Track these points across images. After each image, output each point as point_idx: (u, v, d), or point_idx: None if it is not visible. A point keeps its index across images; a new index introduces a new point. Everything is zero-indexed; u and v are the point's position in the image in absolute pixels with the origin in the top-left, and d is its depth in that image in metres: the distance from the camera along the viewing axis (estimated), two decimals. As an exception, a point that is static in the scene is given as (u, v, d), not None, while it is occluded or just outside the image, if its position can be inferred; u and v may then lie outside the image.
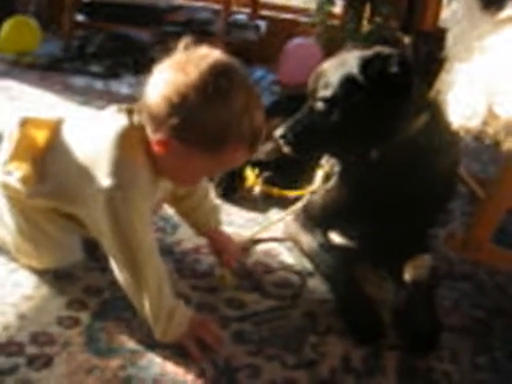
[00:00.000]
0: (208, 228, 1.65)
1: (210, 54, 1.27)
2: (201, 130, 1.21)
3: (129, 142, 1.29)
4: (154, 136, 1.27)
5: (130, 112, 1.35)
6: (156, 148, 1.27)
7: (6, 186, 1.46)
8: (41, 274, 1.53)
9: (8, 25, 3.75)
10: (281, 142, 1.67)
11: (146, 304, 1.29)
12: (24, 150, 1.45)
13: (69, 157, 1.37)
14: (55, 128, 1.46)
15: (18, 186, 1.42)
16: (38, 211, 1.46)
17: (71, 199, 1.38)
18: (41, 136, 1.45)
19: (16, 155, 1.45)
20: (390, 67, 1.51)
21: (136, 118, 1.33)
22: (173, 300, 1.33)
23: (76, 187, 1.34)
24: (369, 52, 1.58)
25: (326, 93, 1.59)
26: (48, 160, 1.43)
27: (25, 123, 1.49)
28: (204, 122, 1.21)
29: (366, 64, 1.55)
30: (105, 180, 1.25)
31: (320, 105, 1.61)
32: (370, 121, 1.57)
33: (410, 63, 1.54)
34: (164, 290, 1.31)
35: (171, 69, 1.25)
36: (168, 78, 1.24)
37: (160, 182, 1.39)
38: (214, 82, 1.19)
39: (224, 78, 1.21)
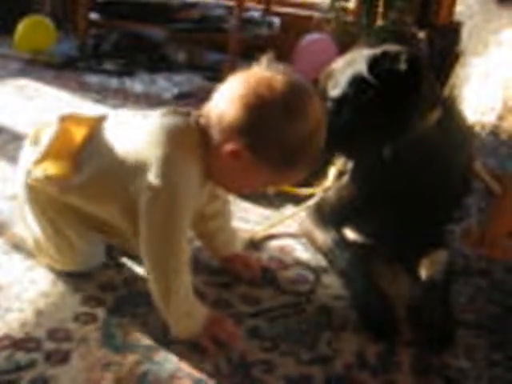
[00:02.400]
0: (227, 252, 1.62)
1: (288, 73, 1.28)
2: (278, 147, 1.23)
3: (184, 143, 1.29)
4: (223, 144, 1.26)
5: (186, 115, 1.35)
6: (224, 157, 1.27)
7: (33, 188, 1.45)
8: (57, 271, 1.54)
9: (23, 24, 3.78)
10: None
11: (171, 305, 1.29)
12: (60, 148, 1.43)
13: (111, 153, 1.36)
14: (95, 125, 1.44)
15: (49, 183, 1.42)
16: (62, 215, 1.46)
17: (107, 196, 1.39)
18: (79, 132, 1.43)
19: (51, 153, 1.44)
20: (399, 65, 1.51)
21: (193, 120, 1.33)
22: (192, 299, 1.34)
23: (115, 184, 1.35)
24: (377, 50, 1.58)
25: (335, 92, 1.59)
26: (85, 156, 1.41)
27: (64, 120, 1.47)
28: (283, 139, 1.22)
29: (374, 62, 1.54)
30: (154, 179, 1.25)
31: (330, 104, 1.61)
32: (380, 119, 1.57)
33: (419, 60, 1.54)
34: (190, 293, 1.32)
35: (253, 83, 1.25)
36: (249, 91, 1.24)
37: (205, 189, 1.39)
38: (296, 101, 1.23)
39: (304, 96, 1.25)
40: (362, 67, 1.56)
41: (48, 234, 1.49)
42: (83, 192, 1.41)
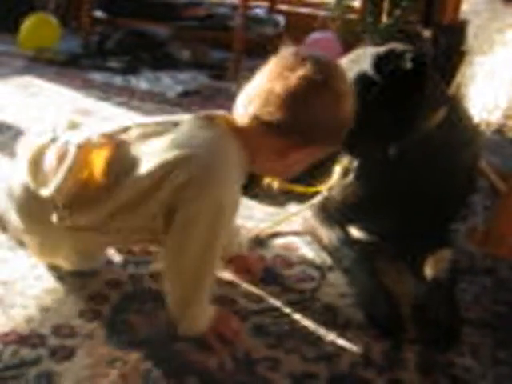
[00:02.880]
0: (231, 251, 1.60)
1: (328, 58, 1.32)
2: (323, 127, 1.28)
3: (225, 154, 1.27)
4: (272, 144, 1.28)
5: (215, 121, 1.32)
6: (276, 155, 1.29)
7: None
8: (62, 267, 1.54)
9: (28, 22, 3.79)
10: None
11: (191, 309, 1.30)
12: (79, 178, 1.33)
13: (142, 169, 1.28)
14: (116, 143, 1.35)
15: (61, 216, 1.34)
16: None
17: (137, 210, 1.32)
18: (100, 157, 1.33)
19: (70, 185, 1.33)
20: (404, 63, 1.50)
21: (225, 126, 1.31)
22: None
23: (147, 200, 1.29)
24: (382, 48, 1.58)
25: None
26: (113, 178, 1.32)
27: (82, 147, 1.35)
28: (325, 119, 1.27)
29: (379, 61, 1.54)
30: (200, 194, 1.21)
31: None
32: (385, 117, 1.56)
33: (424, 59, 1.53)
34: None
35: (292, 76, 1.24)
36: (285, 90, 1.23)
37: None
38: (338, 85, 1.28)
39: (343, 80, 1.31)
40: (366, 65, 1.55)
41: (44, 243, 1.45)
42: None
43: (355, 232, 1.83)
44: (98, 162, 1.33)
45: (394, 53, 1.54)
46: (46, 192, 1.34)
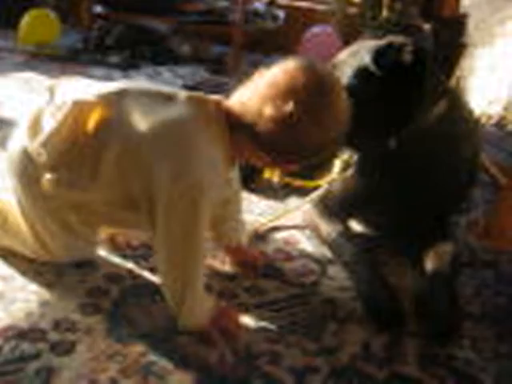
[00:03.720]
0: (232, 241, 1.61)
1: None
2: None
3: (206, 133, 1.28)
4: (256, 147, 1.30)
5: (207, 102, 1.33)
6: (277, 124, 1.26)
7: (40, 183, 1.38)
8: (63, 262, 1.54)
9: (28, 17, 3.78)
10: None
11: (187, 300, 1.29)
12: (70, 132, 1.34)
13: (134, 134, 1.29)
14: (110, 106, 1.35)
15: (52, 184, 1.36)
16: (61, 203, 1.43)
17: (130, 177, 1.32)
18: (93, 116, 1.34)
19: (60, 137, 1.34)
20: (404, 56, 1.50)
21: (216, 107, 1.32)
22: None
23: (139, 165, 1.29)
24: (382, 42, 1.57)
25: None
26: (103, 136, 1.33)
27: (75, 104, 1.36)
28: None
29: (378, 54, 1.53)
30: (176, 178, 1.22)
31: None
32: (384, 110, 1.56)
33: (424, 52, 1.53)
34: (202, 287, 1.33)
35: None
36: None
37: (226, 178, 1.40)
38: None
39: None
40: (366, 58, 1.55)
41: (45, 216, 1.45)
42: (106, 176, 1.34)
43: (355, 225, 1.83)
44: (90, 121, 1.34)
45: (394, 46, 1.53)
46: (34, 144, 1.35)
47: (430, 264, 1.60)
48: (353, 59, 1.59)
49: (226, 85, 3.21)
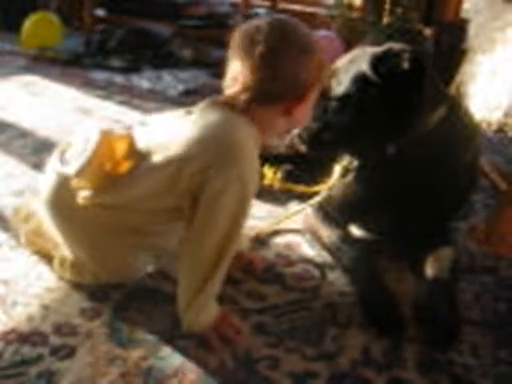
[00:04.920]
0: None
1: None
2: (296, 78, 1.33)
3: (241, 130, 1.32)
4: (274, 106, 1.35)
5: (219, 103, 1.38)
6: (283, 112, 1.36)
7: (77, 206, 1.40)
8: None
9: (30, 21, 3.80)
10: (296, 140, 1.67)
11: (202, 294, 1.31)
12: (102, 161, 1.39)
13: (164, 151, 1.33)
14: (131, 137, 1.41)
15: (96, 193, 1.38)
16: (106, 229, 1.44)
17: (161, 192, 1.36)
18: (120, 145, 1.40)
19: (93, 166, 1.38)
20: (402, 64, 1.50)
21: (231, 106, 1.35)
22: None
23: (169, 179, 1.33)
24: (380, 48, 1.58)
25: (338, 91, 1.59)
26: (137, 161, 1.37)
27: (103, 134, 1.42)
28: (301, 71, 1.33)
29: (376, 61, 1.54)
30: (231, 168, 1.26)
31: (333, 103, 1.60)
32: (383, 117, 1.57)
33: (422, 59, 1.53)
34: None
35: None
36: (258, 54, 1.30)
37: None
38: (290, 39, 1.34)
39: (296, 30, 1.37)
40: (364, 66, 1.55)
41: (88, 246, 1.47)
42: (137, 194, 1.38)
43: (355, 231, 1.84)
44: (119, 149, 1.38)
45: (392, 53, 1.54)
46: (70, 170, 1.38)
47: (429, 269, 1.61)
48: (351, 66, 1.60)
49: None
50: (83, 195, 1.38)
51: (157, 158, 1.33)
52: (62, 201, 1.42)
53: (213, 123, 1.32)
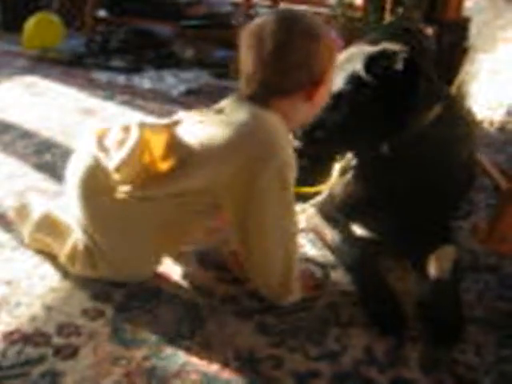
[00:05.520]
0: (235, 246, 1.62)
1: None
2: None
3: (273, 119, 1.38)
4: (292, 95, 1.41)
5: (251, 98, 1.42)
6: (304, 99, 1.41)
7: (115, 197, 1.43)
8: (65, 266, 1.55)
9: (32, 21, 3.80)
10: (291, 137, 1.68)
11: (293, 270, 1.44)
12: (141, 156, 1.43)
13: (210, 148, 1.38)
14: (171, 130, 1.46)
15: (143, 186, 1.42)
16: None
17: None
18: (159, 139, 1.44)
19: (131, 161, 1.43)
20: (395, 64, 1.51)
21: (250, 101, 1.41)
22: None
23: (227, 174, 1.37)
24: (375, 48, 1.58)
25: (333, 89, 1.60)
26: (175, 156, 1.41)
27: (142, 127, 1.48)
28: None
29: (370, 61, 1.55)
30: (276, 157, 1.33)
31: (328, 101, 1.61)
32: (376, 117, 1.57)
33: (417, 59, 1.54)
34: None
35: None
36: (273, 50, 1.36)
37: None
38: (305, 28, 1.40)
39: (304, 19, 1.42)
40: (358, 66, 1.56)
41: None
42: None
43: (358, 230, 1.84)
44: (158, 145, 1.43)
45: (386, 53, 1.55)
46: (111, 163, 1.43)
47: (432, 268, 1.61)
48: (347, 65, 1.61)
49: (230, 88, 3.22)
50: (123, 190, 1.41)
51: (197, 156, 1.38)
52: (96, 185, 1.45)
53: (245, 121, 1.37)
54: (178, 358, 1.30)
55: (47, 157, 2.24)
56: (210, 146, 1.38)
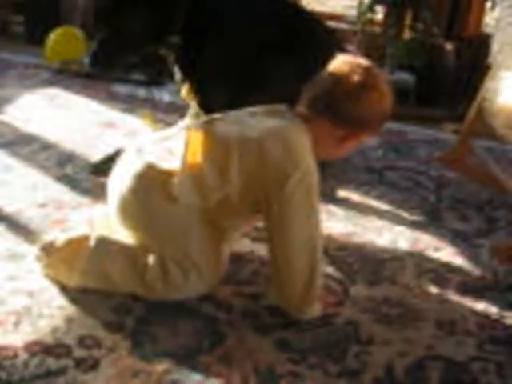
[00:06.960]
0: None
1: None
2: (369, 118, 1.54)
3: (303, 136, 1.49)
4: (335, 129, 1.52)
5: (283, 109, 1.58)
6: (338, 138, 1.53)
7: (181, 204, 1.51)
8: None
9: (54, 34, 3.85)
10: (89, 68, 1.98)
11: (316, 282, 1.46)
12: (193, 158, 1.52)
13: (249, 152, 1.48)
14: (211, 128, 1.57)
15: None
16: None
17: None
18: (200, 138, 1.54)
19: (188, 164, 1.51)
20: None
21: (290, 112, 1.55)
22: None
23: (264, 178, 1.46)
24: None
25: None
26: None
27: (188, 130, 1.58)
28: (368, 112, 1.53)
29: None
30: (297, 168, 1.42)
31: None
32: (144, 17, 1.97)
33: None
34: None
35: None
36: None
37: None
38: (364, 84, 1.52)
39: (384, 83, 1.56)
40: None
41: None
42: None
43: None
44: (206, 146, 1.53)
45: None
46: (171, 166, 1.52)
47: None
48: None
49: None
50: (186, 197, 1.49)
51: (237, 159, 1.47)
52: (154, 192, 1.51)
53: (277, 128, 1.50)
54: (197, 372, 1.30)
55: (68, 169, 2.26)
56: (248, 147, 1.48)
